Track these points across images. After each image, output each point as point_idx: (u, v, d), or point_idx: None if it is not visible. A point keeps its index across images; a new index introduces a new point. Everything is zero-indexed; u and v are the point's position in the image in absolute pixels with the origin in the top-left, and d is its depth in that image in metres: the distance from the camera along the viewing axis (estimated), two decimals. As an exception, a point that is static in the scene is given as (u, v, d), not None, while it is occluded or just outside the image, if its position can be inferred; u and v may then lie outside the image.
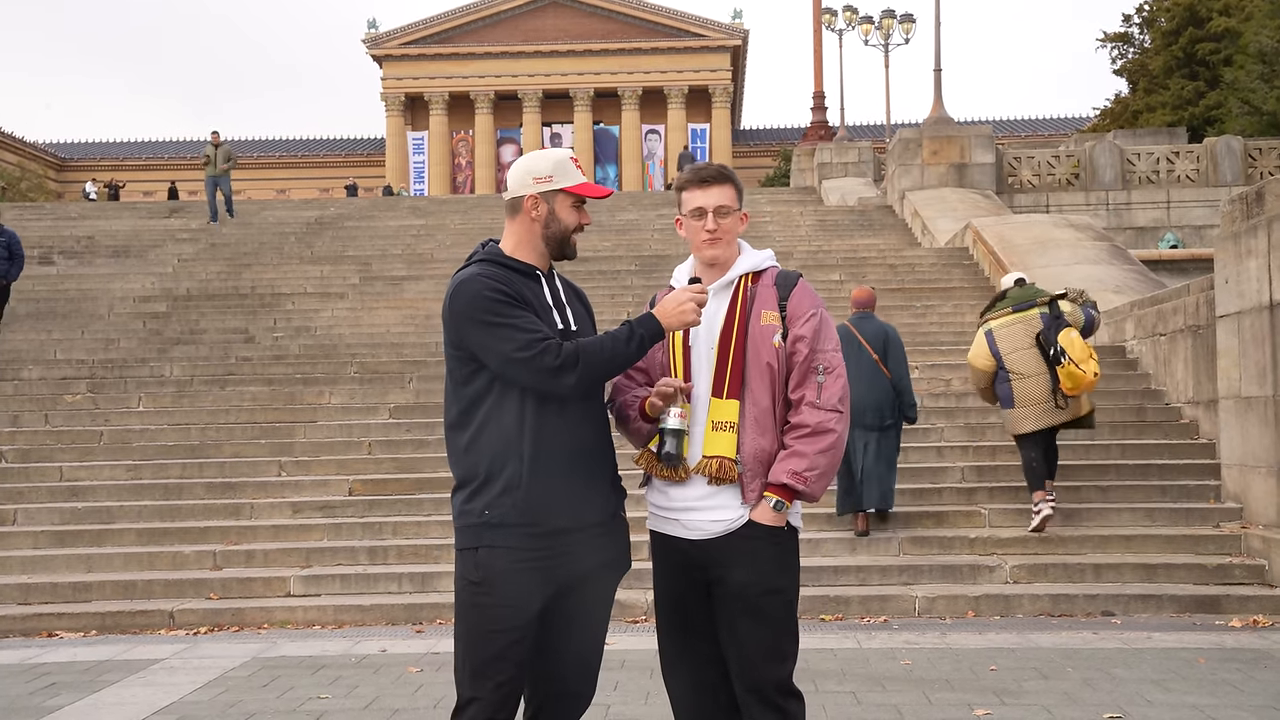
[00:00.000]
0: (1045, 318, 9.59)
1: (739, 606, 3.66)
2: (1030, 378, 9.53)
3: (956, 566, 9.18)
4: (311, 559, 9.77)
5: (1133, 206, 25.61)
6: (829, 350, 3.72)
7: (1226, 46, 39.93)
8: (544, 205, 3.72)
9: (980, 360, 9.80)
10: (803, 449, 3.63)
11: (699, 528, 3.70)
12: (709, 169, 3.85)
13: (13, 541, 10.28)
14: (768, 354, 3.69)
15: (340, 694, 6.61)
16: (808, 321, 3.72)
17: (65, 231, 24.91)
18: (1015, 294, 9.91)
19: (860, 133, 58.90)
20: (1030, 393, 9.54)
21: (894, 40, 41.04)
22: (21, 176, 62.00)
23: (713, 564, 3.68)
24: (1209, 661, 7.03)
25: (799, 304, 3.76)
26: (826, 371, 3.68)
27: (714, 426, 3.67)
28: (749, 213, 3.98)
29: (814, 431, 3.63)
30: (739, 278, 3.80)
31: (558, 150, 3.88)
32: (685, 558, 3.73)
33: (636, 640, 7.80)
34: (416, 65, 74.70)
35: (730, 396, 3.68)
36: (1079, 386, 9.39)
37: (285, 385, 13.76)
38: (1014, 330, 9.65)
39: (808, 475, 3.62)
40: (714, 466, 3.65)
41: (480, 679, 3.55)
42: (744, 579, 3.64)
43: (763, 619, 3.66)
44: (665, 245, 22.71)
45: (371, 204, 30.45)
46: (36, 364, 15.28)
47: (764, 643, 3.66)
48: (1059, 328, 9.49)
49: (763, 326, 3.72)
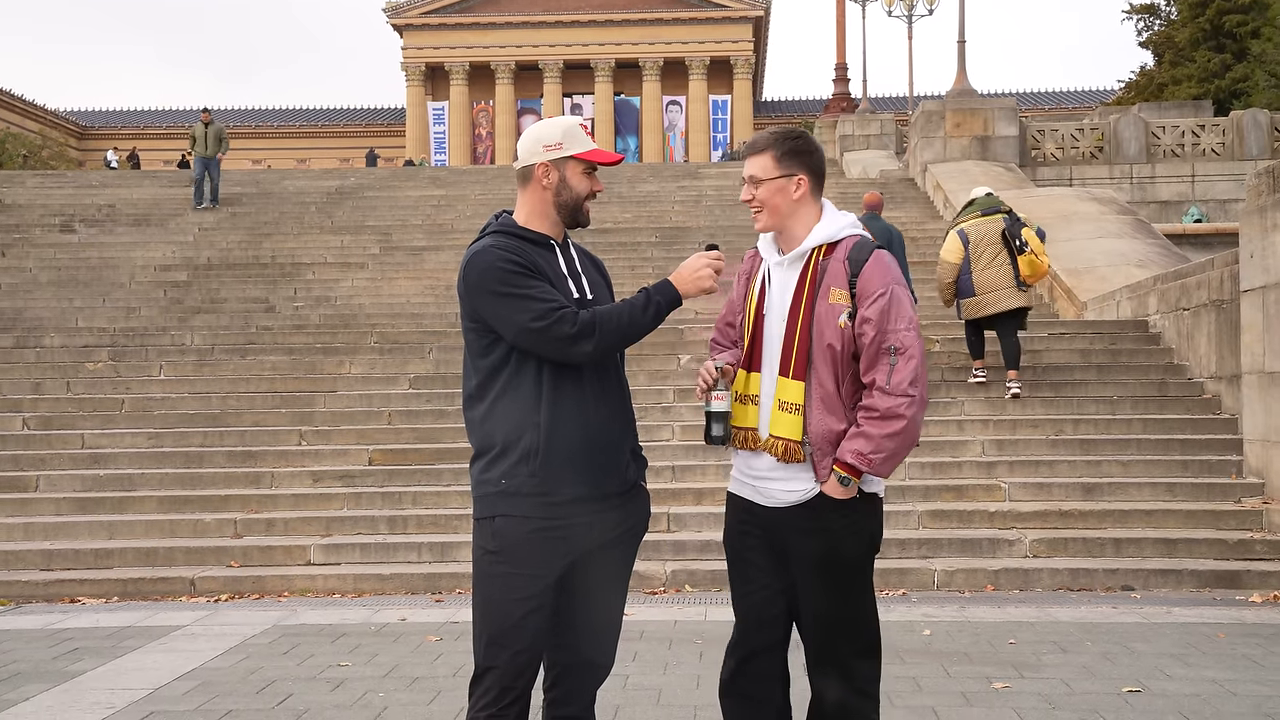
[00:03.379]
0: (1008, 220, 11.49)
1: (807, 576, 3.65)
2: (992, 268, 11.36)
3: (976, 540, 9.16)
4: (331, 528, 9.81)
5: (1157, 180, 25.39)
6: (901, 329, 3.56)
7: (1254, 18, 39.50)
8: (555, 173, 3.69)
9: (952, 255, 11.53)
10: (871, 431, 3.55)
11: (774, 496, 3.68)
12: (751, 141, 3.78)
13: (35, 508, 10.36)
14: (831, 335, 3.58)
15: (360, 662, 6.65)
16: (875, 302, 3.57)
17: (86, 200, 24.96)
18: (983, 201, 11.76)
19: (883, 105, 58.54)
20: (992, 280, 11.33)
21: (918, 11, 40.74)
22: (43, 144, 62.19)
23: (786, 532, 3.67)
24: (1229, 636, 7.00)
25: (869, 282, 3.60)
26: (899, 353, 3.54)
27: (780, 406, 3.62)
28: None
29: (883, 416, 3.54)
30: (811, 251, 3.68)
31: (567, 118, 3.85)
32: (757, 519, 3.72)
33: (655, 611, 7.82)
34: (437, 35, 74.50)
35: (796, 377, 3.61)
36: (1036, 274, 11.36)
37: (305, 355, 13.79)
38: (981, 228, 11.51)
39: (873, 458, 3.54)
40: (780, 448, 3.62)
41: (497, 648, 3.56)
42: (813, 549, 3.63)
43: (829, 588, 3.65)
44: (686, 217, 22.64)
45: (392, 174, 30.43)
46: (58, 331, 15.35)
47: (829, 609, 3.65)
48: (1021, 226, 11.41)
49: (830, 305, 3.59)
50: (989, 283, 11.28)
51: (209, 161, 24.28)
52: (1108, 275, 15.60)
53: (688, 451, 10.67)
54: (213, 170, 24.34)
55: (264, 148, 75.61)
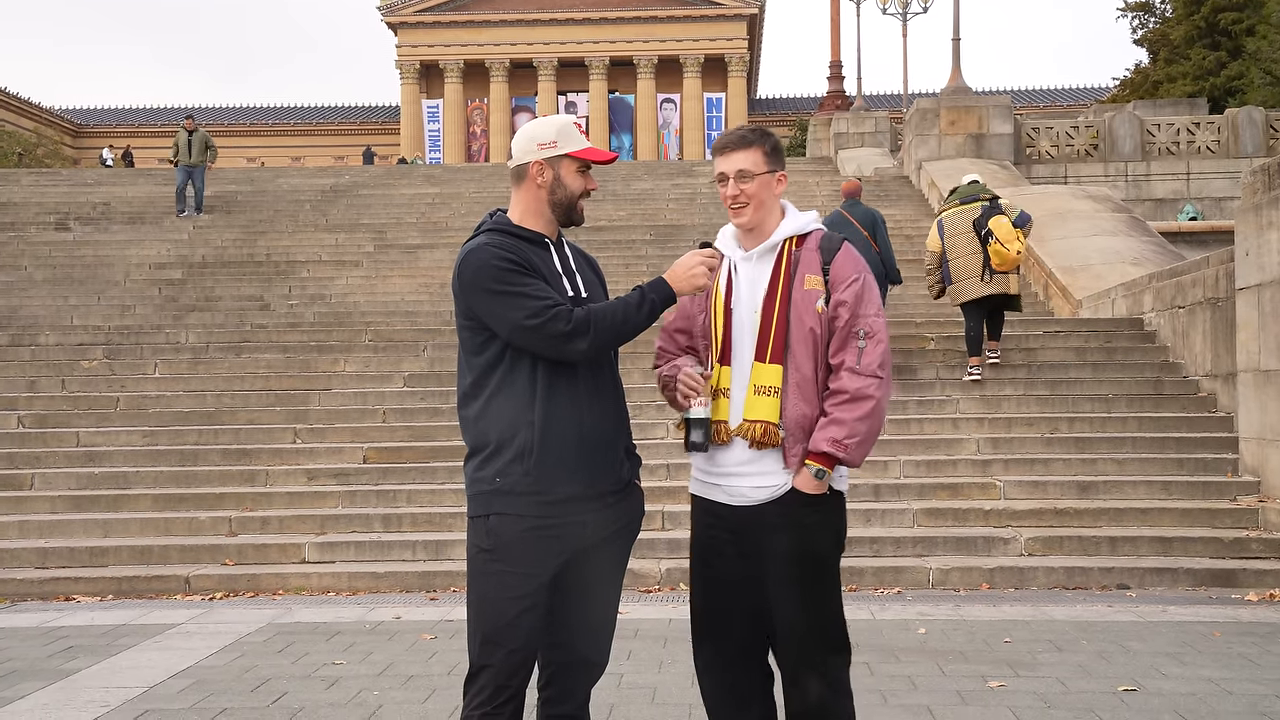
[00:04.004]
0: (984, 208, 11.88)
1: (781, 573, 3.64)
2: (965, 256, 11.89)
3: (971, 539, 9.15)
4: (326, 526, 9.80)
5: (1152, 178, 25.41)
6: (870, 315, 3.66)
7: (1249, 16, 39.54)
8: (549, 171, 3.69)
9: (932, 244, 12.28)
10: (842, 416, 3.59)
11: (742, 494, 3.68)
12: (732, 134, 3.80)
13: (30, 506, 10.34)
14: (810, 319, 3.65)
15: (355, 660, 6.64)
16: (850, 286, 3.67)
17: (81, 198, 24.92)
18: (963, 190, 12.32)
19: (877, 102, 58.56)
20: (965, 268, 11.89)
21: (912, 9, 40.66)
22: (38, 143, 62.08)
23: (755, 530, 3.66)
24: (1224, 635, 7.00)
25: (842, 268, 3.71)
26: (868, 336, 3.63)
27: (756, 390, 3.64)
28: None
29: (853, 398, 3.59)
30: (783, 241, 3.76)
31: (561, 116, 3.84)
32: (725, 523, 3.71)
33: (650, 609, 7.81)
34: (431, 33, 74.43)
35: (774, 361, 3.64)
36: (1005, 262, 11.72)
37: (300, 353, 13.78)
38: (956, 219, 12.03)
39: (848, 443, 3.58)
40: (757, 430, 3.63)
41: (492, 647, 3.55)
42: (786, 546, 3.63)
43: (804, 584, 3.65)
44: (680, 215, 22.64)
45: (386, 172, 30.41)
46: (53, 330, 15.33)
47: (805, 607, 3.65)
48: (993, 214, 11.75)
49: (806, 291, 3.67)
50: (961, 271, 11.96)
51: (193, 170, 23.13)
52: (1103, 273, 15.61)
53: (682, 450, 10.65)
54: (197, 178, 23.20)
55: (259, 146, 75.57)
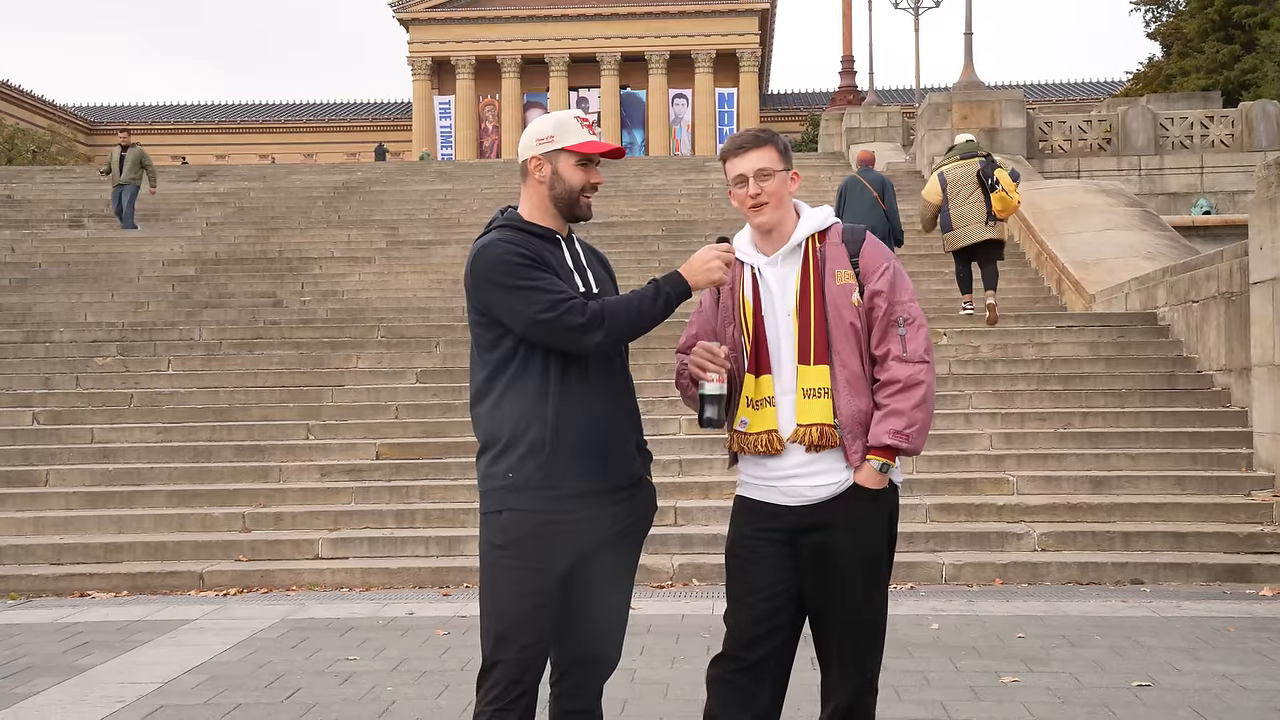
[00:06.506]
0: (983, 162, 13.42)
1: (836, 571, 3.61)
2: (968, 204, 13.31)
3: (984, 534, 9.14)
4: (339, 522, 9.82)
5: (1165, 172, 25.28)
6: (906, 301, 3.64)
7: (1263, 9, 39.36)
8: (547, 166, 3.67)
9: (932, 196, 13.65)
10: (899, 406, 3.56)
11: (800, 494, 3.63)
12: (745, 134, 3.76)
13: (45, 502, 10.38)
14: (849, 314, 3.61)
15: (368, 655, 6.65)
16: (883, 275, 3.64)
17: (95, 195, 24.97)
18: (962, 146, 13.86)
19: (889, 97, 58.34)
20: (967, 215, 13.29)
21: (925, 3, 40.55)
22: (52, 140, 62.25)
23: (812, 529, 3.62)
24: (1239, 630, 6.98)
25: (871, 258, 3.67)
26: (907, 323, 3.61)
27: (805, 394, 3.59)
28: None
29: (905, 386, 3.56)
30: (806, 239, 3.71)
31: (563, 111, 3.82)
32: (782, 523, 3.65)
33: (662, 605, 7.81)
34: (443, 29, 74.43)
35: (818, 362, 3.60)
36: (1007, 209, 13.35)
37: (313, 349, 13.79)
38: (958, 171, 13.48)
39: (908, 432, 3.56)
40: (814, 434, 3.58)
41: (505, 643, 3.55)
42: (846, 543, 3.60)
43: (864, 582, 3.63)
44: (692, 210, 22.62)
45: (398, 168, 30.44)
46: (67, 326, 15.38)
47: (863, 607, 3.64)
48: (994, 167, 13.40)
49: (839, 286, 3.63)
50: (963, 217, 13.30)
51: (124, 189, 21.38)
52: (1116, 268, 15.54)
53: (694, 445, 10.66)
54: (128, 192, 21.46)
55: (270, 142, 75.67)
